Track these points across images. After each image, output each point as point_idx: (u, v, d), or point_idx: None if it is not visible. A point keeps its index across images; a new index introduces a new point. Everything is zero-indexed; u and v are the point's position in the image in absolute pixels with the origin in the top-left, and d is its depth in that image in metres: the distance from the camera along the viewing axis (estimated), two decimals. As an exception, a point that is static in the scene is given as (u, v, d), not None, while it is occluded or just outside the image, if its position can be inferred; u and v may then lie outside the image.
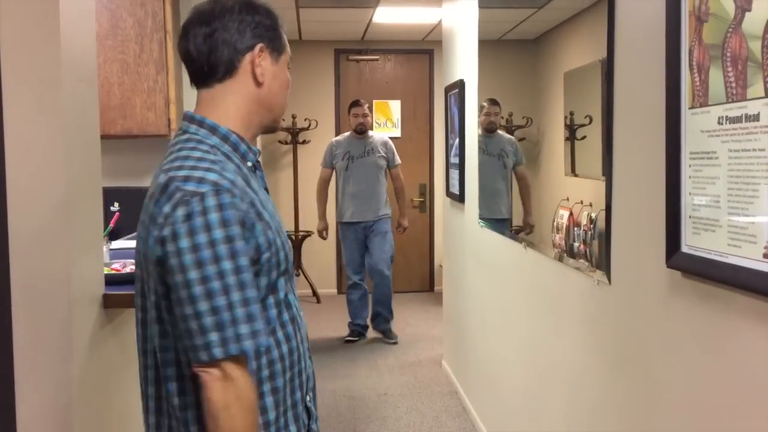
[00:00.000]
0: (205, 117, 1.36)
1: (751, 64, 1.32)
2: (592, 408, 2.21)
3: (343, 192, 5.63)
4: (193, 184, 1.22)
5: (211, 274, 1.20)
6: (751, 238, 1.32)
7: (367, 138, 5.65)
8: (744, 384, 1.40)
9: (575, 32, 2.54)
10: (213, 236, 1.20)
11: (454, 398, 4.36)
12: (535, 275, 2.81)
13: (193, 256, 1.19)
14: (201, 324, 1.20)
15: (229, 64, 1.36)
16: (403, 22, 6.38)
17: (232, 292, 1.21)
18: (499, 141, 3.46)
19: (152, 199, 1.26)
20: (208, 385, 1.22)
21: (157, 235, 1.23)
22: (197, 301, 1.20)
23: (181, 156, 1.30)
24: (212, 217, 1.20)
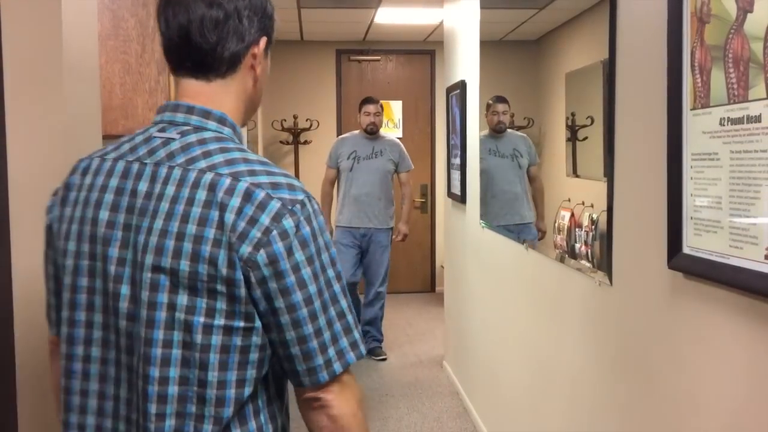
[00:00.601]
0: (224, 113, 1.18)
1: (752, 66, 1.32)
2: (593, 409, 2.21)
3: (345, 194, 5.19)
4: (286, 191, 1.08)
5: (322, 286, 1.09)
6: (753, 240, 1.32)
7: (377, 139, 5.25)
8: (745, 385, 1.40)
9: (577, 33, 2.54)
10: (319, 244, 1.09)
11: (455, 399, 4.36)
12: (536, 276, 2.81)
13: (310, 269, 1.07)
14: (321, 341, 1.09)
15: (234, 59, 1.18)
16: (405, 22, 6.38)
17: (340, 300, 1.12)
18: (510, 140, 3.27)
19: (220, 208, 1.05)
20: (332, 404, 1.12)
21: (252, 250, 1.04)
22: (317, 317, 1.08)
23: (237, 158, 1.11)
24: (316, 224, 1.10)
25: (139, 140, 1.18)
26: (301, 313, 1.07)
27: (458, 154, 4.26)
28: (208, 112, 1.16)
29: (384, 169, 5.19)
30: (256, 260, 1.04)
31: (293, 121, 7.09)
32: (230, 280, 1.05)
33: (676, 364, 1.65)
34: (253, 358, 1.09)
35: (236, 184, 1.06)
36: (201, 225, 1.05)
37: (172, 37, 1.15)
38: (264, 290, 1.06)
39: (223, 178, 1.07)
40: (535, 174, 2.96)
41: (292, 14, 6.04)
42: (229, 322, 1.06)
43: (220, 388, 1.08)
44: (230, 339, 1.07)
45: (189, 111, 1.16)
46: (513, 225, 3.22)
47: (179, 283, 1.06)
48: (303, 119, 7.11)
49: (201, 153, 1.11)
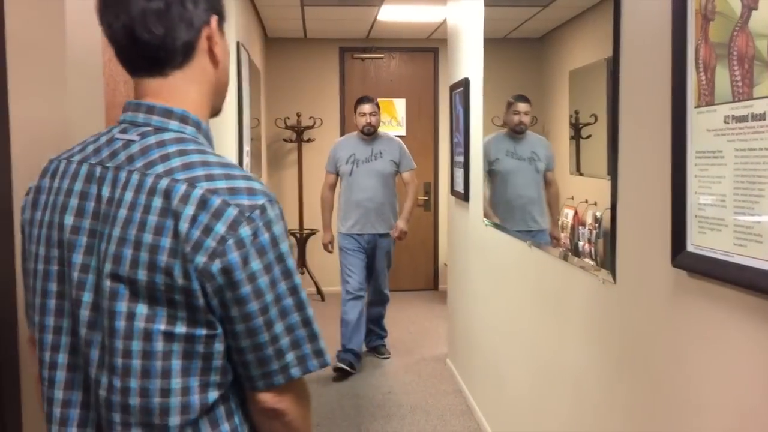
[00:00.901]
0: (186, 110, 1.12)
1: (757, 63, 1.32)
2: (596, 407, 2.20)
3: (346, 200, 4.95)
4: (244, 196, 1.03)
5: (283, 291, 1.05)
6: (757, 238, 1.32)
7: (375, 140, 4.97)
8: (750, 383, 1.40)
9: (581, 31, 2.53)
10: (279, 251, 1.04)
11: (459, 397, 4.36)
12: (539, 274, 2.81)
13: (267, 278, 1.03)
14: (278, 347, 1.06)
15: (187, 46, 1.11)
16: (408, 20, 6.37)
17: (306, 308, 1.08)
18: (530, 143, 3.13)
19: (175, 216, 1.01)
20: (288, 410, 1.11)
21: (207, 260, 1.00)
22: (273, 324, 1.05)
23: (195, 162, 1.05)
24: (276, 230, 1.04)
25: (102, 141, 1.14)
26: (257, 322, 1.04)
27: (461, 152, 4.26)
28: (169, 111, 1.11)
29: (385, 172, 4.93)
30: (211, 270, 1.00)
31: (296, 119, 7.08)
32: (187, 291, 1.01)
33: (680, 362, 1.65)
34: (216, 364, 1.06)
35: (191, 190, 1.02)
36: (157, 234, 1.02)
37: (119, 41, 1.10)
38: (220, 299, 1.02)
39: (178, 184, 1.02)
40: (551, 179, 2.83)
41: (296, 12, 6.04)
42: (190, 330, 1.04)
43: (184, 394, 1.05)
44: (192, 346, 1.04)
45: (149, 111, 1.11)
46: (526, 231, 3.08)
47: (138, 292, 1.03)
48: (306, 117, 7.11)
49: (159, 156, 1.06)
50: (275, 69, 7.24)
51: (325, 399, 4.37)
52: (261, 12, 6.11)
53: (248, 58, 5.05)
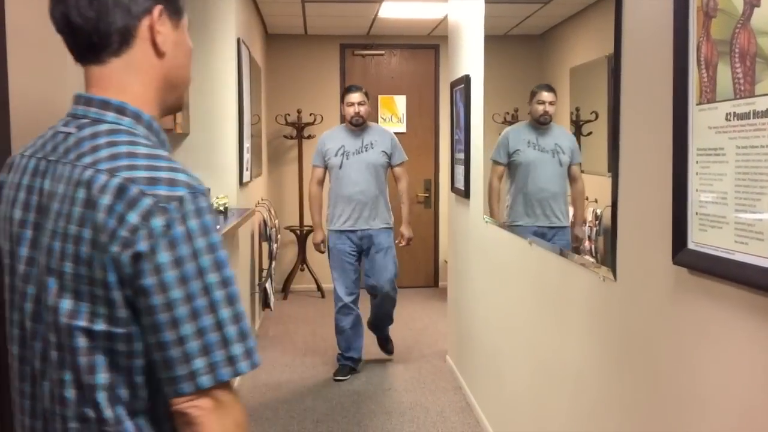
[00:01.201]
0: (124, 102, 1.11)
1: (759, 60, 1.32)
2: (596, 404, 2.21)
3: (337, 194, 4.67)
4: (164, 187, 1.01)
5: (196, 291, 1.00)
6: (759, 235, 1.32)
7: (365, 130, 4.70)
8: (751, 381, 1.40)
9: (582, 28, 2.53)
10: (195, 246, 1.01)
11: (458, 393, 4.36)
12: (540, 271, 2.81)
13: (175, 273, 0.99)
14: (185, 350, 1.00)
15: (124, 32, 1.10)
16: (409, 17, 6.37)
17: (220, 309, 1.02)
18: (554, 134, 2.97)
19: (94, 207, 1.01)
20: (200, 421, 1.02)
21: (119, 250, 0.99)
22: (180, 324, 1.00)
23: (122, 152, 1.05)
24: (193, 224, 1.01)
25: (48, 135, 1.15)
26: (160, 318, 1.00)
27: (462, 149, 4.26)
28: (106, 103, 1.11)
29: (377, 163, 4.66)
30: (122, 260, 0.99)
31: (297, 115, 7.08)
32: (105, 283, 1.01)
33: (681, 359, 1.65)
34: (138, 363, 1.04)
35: (110, 180, 1.01)
36: (80, 225, 1.02)
37: (60, 29, 1.12)
38: (132, 291, 1.01)
39: (100, 174, 1.02)
40: (576, 174, 2.71)
41: (297, 8, 6.04)
42: (110, 327, 1.02)
43: (111, 389, 1.04)
44: (112, 344, 1.03)
45: (88, 102, 1.12)
46: (547, 227, 2.93)
47: (65, 286, 1.03)
48: (307, 114, 7.10)
49: (90, 148, 1.06)
50: (276, 65, 7.24)
51: (324, 396, 4.37)
52: (261, 8, 6.11)
53: (249, 54, 5.05)
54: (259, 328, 5.90)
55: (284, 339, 5.65)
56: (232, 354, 1.02)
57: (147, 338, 1.02)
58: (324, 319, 6.11)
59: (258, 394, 4.38)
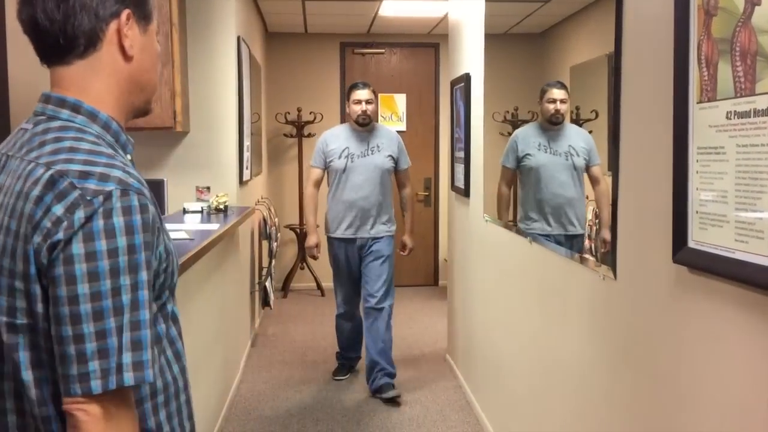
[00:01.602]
0: (80, 100, 1.12)
1: (760, 59, 1.31)
2: (596, 402, 2.21)
3: (337, 198, 4.35)
4: (93, 181, 1.00)
5: (105, 290, 0.98)
6: (759, 234, 1.32)
7: (371, 132, 4.39)
8: (750, 380, 1.40)
9: (582, 26, 2.53)
10: (114, 244, 0.99)
11: (458, 392, 4.36)
12: (540, 270, 2.81)
13: (86, 267, 0.97)
14: (81, 349, 0.97)
15: (91, 35, 1.11)
16: (409, 15, 6.36)
17: (124, 313, 0.99)
18: (566, 135, 2.79)
19: (26, 198, 1.01)
20: (85, 427, 0.98)
21: (41, 241, 0.98)
22: (81, 321, 0.97)
23: (64, 147, 1.05)
24: (117, 221, 0.99)
25: (13, 132, 1.19)
26: (65, 310, 0.98)
27: (462, 147, 4.25)
28: (62, 101, 1.12)
29: (383, 168, 4.34)
30: (42, 250, 0.99)
31: (297, 114, 7.08)
32: (26, 276, 1.00)
33: (681, 358, 1.65)
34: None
35: (44, 173, 1.02)
36: (12, 217, 1.03)
37: (28, 33, 1.13)
38: (47, 280, 1.00)
39: (38, 167, 1.03)
40: (597, 175, 2.49)
41: (297, 7, 6.03)
42: (30, 321, 1.02)
43: (37, 386, 1.03)
44: (37, 338, 1.02)
45: (46, 100, 1.13)
46: (563, 236, 2.72)
47: (1, 282, 1.04)
48: (307, 112, 7.10)
49: (38, 143, 1.08)
50: (276, 64, 7.23)
51: (324, 394, 4.37)
52: (261, 7, 6.10)
53: (249, 52, 5.04)
54: (259, 327, 5.90)
55: (284, 337, 5.65)
56: (123, 362, 0.99)
57: (51, 329, 1.00)
58: (324, 317, 6.11)
59: (257, 391, 4.39)
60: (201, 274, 3.24)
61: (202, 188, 4.36)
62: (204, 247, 2.78)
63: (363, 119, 4.34)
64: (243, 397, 4.30)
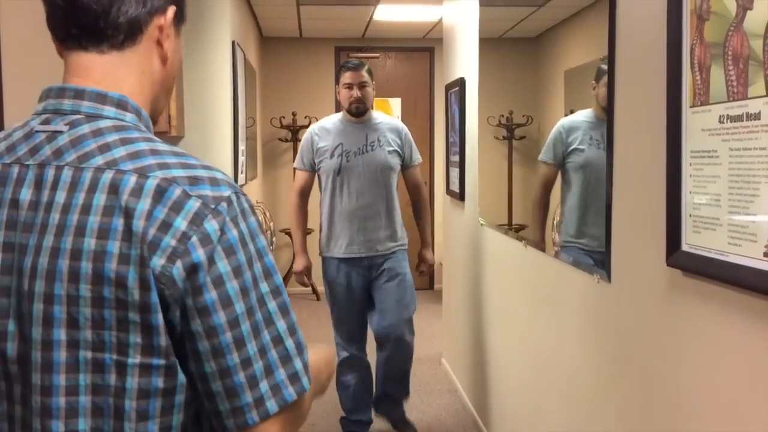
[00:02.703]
0: (124, 95, 0.95)
1: (752, 63, 1.32)
2: (591, 406, 2.21)
3: (333, 208, 3.53)
4: (207, 187, 0.88)
5: (254, 303, 0.87)
6: (752, 237, 1.32)
7: (369, 122, 3.56)
8: (744, 383, 1.40)
9: (576, 30, 2.53)
10: (250, 252, 0.88)
11: (454, 396, 4.36)
12: (534, 273, 2.82)
13: (237, 284, 0.86)
14: (251, 374, 0.87)
15: (133, 25, 0.95)
16: (404, 19, 6.37)
17: (277, 321, 0.89)
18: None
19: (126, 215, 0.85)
20: None
21: (166, 263, 0.84)
22: (246, 343, 0.86)
23: (144, 150, 0.89)
24: (246, 226, 0.89)
25: (17, 136, 0.94)
26: (224, 339, 0.85)
27: (457, 151, 4.26)
28: (103, 96, 0.94)
29: (386, 166, 3.52)
30: (171, 274, 0.83)
31: (292, 118, 7.08)
32: (144, 305, 0.84)
33: (675, 361, 1.66)
34: (179, 400, 0.88)
35: (144, 181, 0.86)
36: (102, 238, 0.84)
37: (58, 5, 0.93)
38: (182, 311, 0.85)
39: (126, 175, 0.86)
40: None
41: (291, 11, 6.04)
42: (146, 359, 0.85)
43: None
44: (149, 381, 0.86)
45: (78, 95, 0.93)
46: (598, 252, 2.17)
47: (80, 313, 0.85)
48: (302, 116, 7.10)
49: (96, 147, 0.89)
50: (271, 68, 7.24)
51: (321, 399, 4.35)
52: (256, 11, 6.11)
53: (243, 57, 5.05)
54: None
55: (279, 342, 5.63)
56: (295, 370, 0.90)
57: (202, 366, 0.86)
58: (319, 321, 6.11)
59: (253, 397, 4.37)
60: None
61: (197, 192, 4.35)
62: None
63: (356, 107, 3.52)
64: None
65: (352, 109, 3.53)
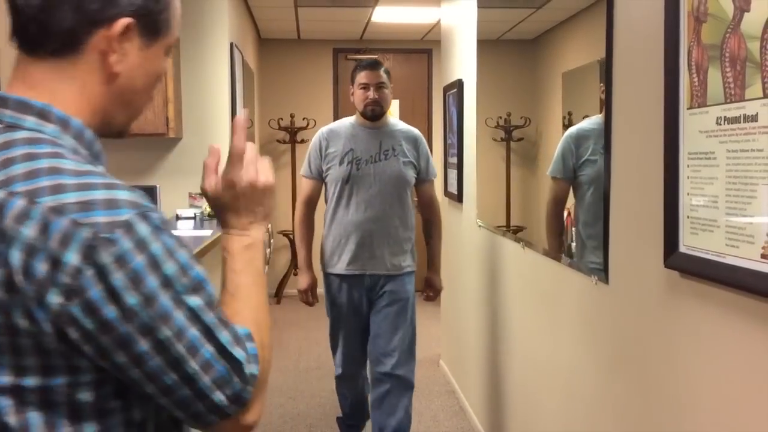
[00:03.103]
0: (49, 104, 0.89)
1: (749, 65, 1.32)
2: (589, 407, 2.21)
3: (338, 220, 3.19)
4: (101, 212, 0.80)
5: (182, 324, 0.83)
6: (749, 239, 1.32)
7: (385, 128, 3.25)
8: (741, 384, 1.40)
9: (574, 32, 2.54)
10: (166, 273, 0.83)
11: (452, 397, 4.36)
12: (532, 275, 2.82)
13: (152, 312, 0.81)
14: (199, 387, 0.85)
15: (70, 36, 0.89)
16: (402, 21, 6.38)
17: (218, 332, 0.87)
18: None
19: (8, 242, 0.79)
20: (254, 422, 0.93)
21: (64, 301, 0.78)
22: (185, 361, 0.84)
23: (42, 168, 0.83)
24: (156, 248, 0.82)
25: None
26: (154, 362, 0.83)
27: (455, 153, 4.27)
28: (25, 104, 0.88)
29: (400, 177, 3.20)
30: (72, 313, 0.79)
31: (290, 119, 7.08)
32: (36, 334, 0.80)
33: (673, 362, 1.66)
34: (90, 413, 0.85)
35: (30, 208, 0.79)
36: None
37: (8, 9, 0.91)
38: (96, 346, 0.81)
39: (14, 198, 0.80)
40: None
41: (290, 13, 6.04)
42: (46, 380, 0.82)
43: None
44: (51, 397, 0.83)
45: (2, 103, 0.89)
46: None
47: None
48: (300, 118, 7.10)
49: (1, 161, 0.84)
50: (269, 70, 7.24)
51: (319, 400, 4.36)
52: (254, 13, 6.11)
53: (242, 58, 5.05)
54: (252, 333, 5.88)
55: (277, 343, 5.63)
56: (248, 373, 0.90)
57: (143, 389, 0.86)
58: (317, 322, 6.10)
59: (251, 398, 4.37)
60: (194, 280, 3.23)
61: (195, 194, 4.35)
62: (197, 254, 2.77)
63: (372, 111, 3.19)
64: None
65: (367, 112, 3.20)
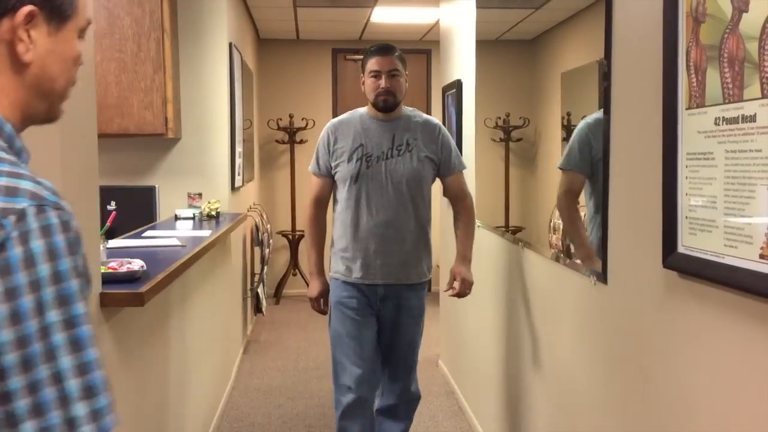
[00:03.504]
0: None
1: (748, 65, 1.33)
2: (588, 408, 2.21)
3: (348, 223, 2.86)
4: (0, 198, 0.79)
5: (31, 332, 0.77)
6: (748, 239, 1.33)
7: (399, 120, 2.90)
8: (739, 384, 1.40)
9: (572, 33, 2.54)
10: (39, 274, 0.79)
11: (451, 398, 4.36)
12: (531, 276, 2.82)
13: (7, 307, 0.77)
14: (11, 410, 0.77)
15: None
16: (401, 21, 6.38)
17: (60, 357, 0.79)
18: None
19: None
20: None
21: None
22: (8, 375, 0.77)
23: None
24: (36, 245, 0.79)
25: None
26: None
27: (454, 153, 4.26)
28: None
29: (415, 175, 2.85)
30: None
31: (289, 120, 7.08)
32: None
33: (671, 362, 1.66)
34: None
35: None
36: None
37: None
38: None
39: None
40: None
41: (289, 13, 6.04)
42: None
43: None
44: None
45: None
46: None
47: None
48: (299, 118, 7.10)
49: None
50: (268, 70, 7.24)
51: (316, 401, 4.36)
52: (253, 13, 6.11)
53: (241, 59, 5.05)
54: (251, 333, 5.89)
55: (276, 344, 5.64)
56: (73, 415, 0.78)
57: None
58: (316, 323, 6.10)
59: (249, 398, 4.37)
60: (193, 280, 3.24)
61: (194, 195, 4.35)
62: (196, 254, 2.77)
63: (384, 101, 2.85)
64: (235, 404, 4.29)
65: (378, 102, 2.86)
